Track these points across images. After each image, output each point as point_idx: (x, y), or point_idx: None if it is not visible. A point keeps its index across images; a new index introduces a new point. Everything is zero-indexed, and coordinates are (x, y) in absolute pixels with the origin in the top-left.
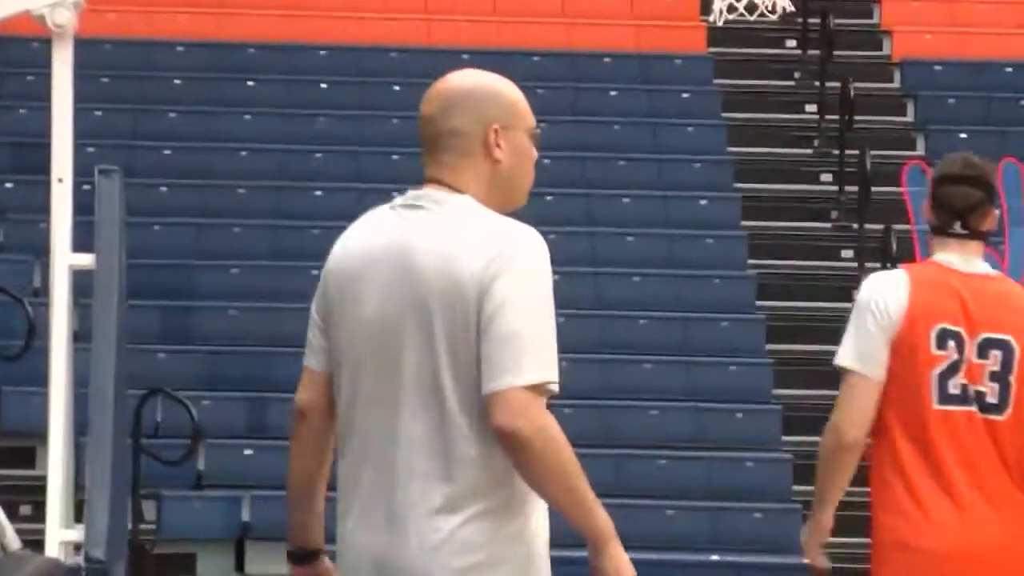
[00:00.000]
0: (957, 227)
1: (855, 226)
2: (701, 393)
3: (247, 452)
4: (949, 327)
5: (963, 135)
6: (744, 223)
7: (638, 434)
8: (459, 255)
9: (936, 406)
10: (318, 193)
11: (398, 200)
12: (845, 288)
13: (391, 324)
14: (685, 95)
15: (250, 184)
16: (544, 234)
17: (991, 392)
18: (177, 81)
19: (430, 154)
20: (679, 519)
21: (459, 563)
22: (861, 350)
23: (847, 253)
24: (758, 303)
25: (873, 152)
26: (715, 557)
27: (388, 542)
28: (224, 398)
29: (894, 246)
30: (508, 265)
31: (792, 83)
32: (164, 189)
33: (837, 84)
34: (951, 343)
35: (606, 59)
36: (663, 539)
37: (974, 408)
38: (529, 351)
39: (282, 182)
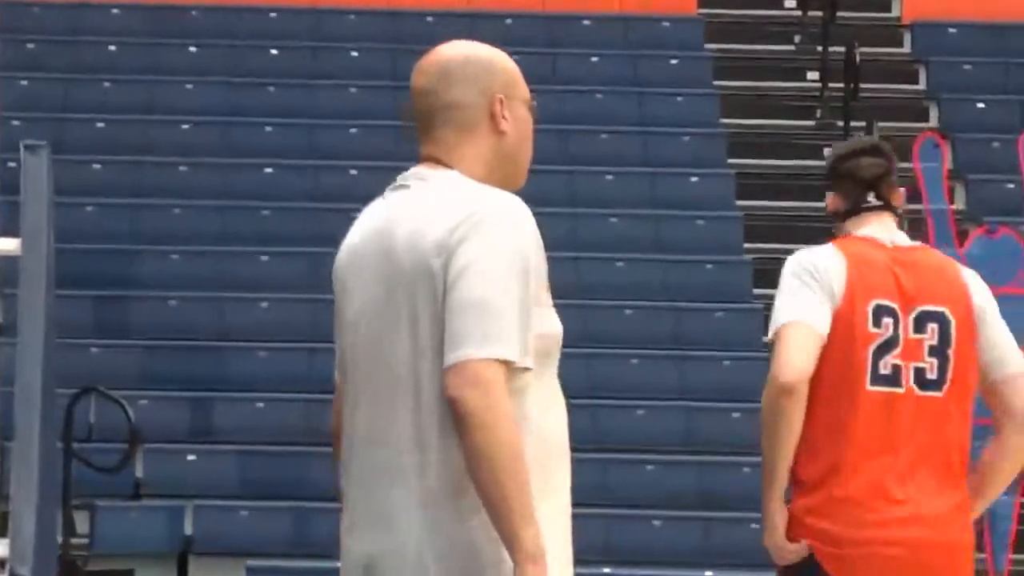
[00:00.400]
0: (871, 198)
1: None
2: (693, 391)
3: (190, 458)
4: (884, 302)
5: (980, 104)
6: (739, 202)
7: (624, 436)
8: (427, 226)
9: (869, 387)
10: (268, 170)
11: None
12: None
13: (376, 317)
14: (673, 61)
15: (193, 160)
16: None
17: (931, 368)
18: (111, 47)
19: (425, 131)
20: (668, 530)
21: (440, 567)
22: (798, 308)
23: None
24: (755, 291)
25: (881, 124)
26: (708, 574)
27: (373, 544)
28: (164, 398)
29: (905, 227)
30: (476, 228)
31: (792, 48)
32: (97, 166)
33: (841, 49)
34: (886, 319)
35: (585, 21)
36: (651, 552)
37: (902, 389)
38: (494, 321)
39: (228, 159)
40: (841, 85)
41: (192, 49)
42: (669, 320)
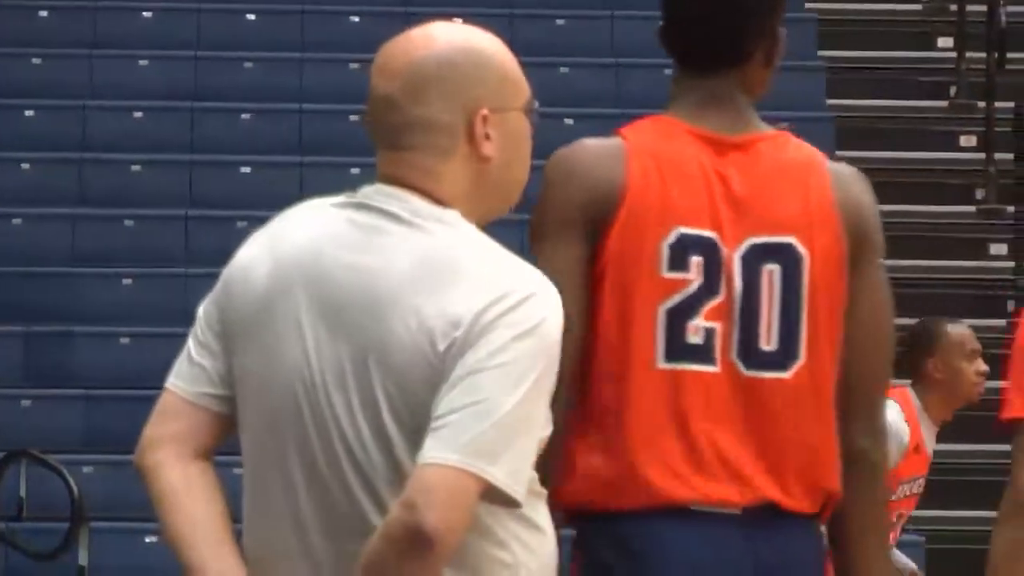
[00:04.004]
0: None
1: (1010, 209)
2: None
3: (149, 539)
4: None
5: None
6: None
7: None
8: (435, 291)
9: None
10: None
11: (342, 198)
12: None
13: (320, 373)
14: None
15: None
16: None
17: None
18: None
19: (391, 150)
20: None
21: None
22: None
23: (997, 249)
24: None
25: None
26: None
27: None
28: (111, 462)
29: None
30: (510, 317)
31: (919, 6)
32: None
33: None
34: None
35: None
36: None
37: None
38: (497, 434)
39: None
40: (983, 55)
41: None
42: None
